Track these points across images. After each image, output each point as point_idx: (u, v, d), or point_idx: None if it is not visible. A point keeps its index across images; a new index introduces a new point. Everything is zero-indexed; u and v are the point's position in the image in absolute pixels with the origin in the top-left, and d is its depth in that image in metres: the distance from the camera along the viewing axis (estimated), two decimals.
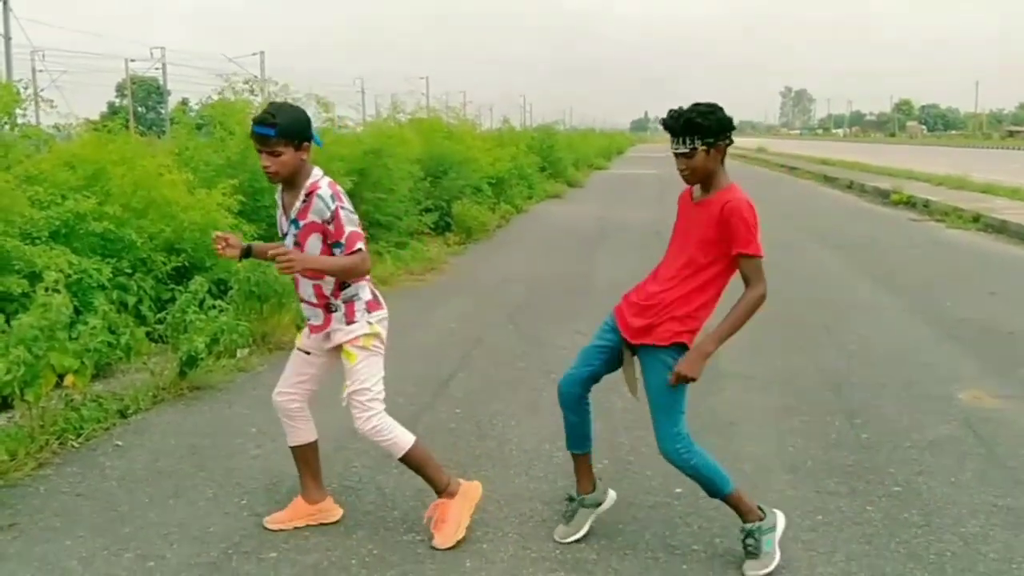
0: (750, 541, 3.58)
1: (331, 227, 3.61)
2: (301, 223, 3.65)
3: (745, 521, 3.61)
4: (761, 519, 3.60)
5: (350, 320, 3.74)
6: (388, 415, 3.79)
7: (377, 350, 3.79)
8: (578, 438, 3.85)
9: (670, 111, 3.53)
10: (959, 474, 4.56)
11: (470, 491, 3.92)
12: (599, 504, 3.90)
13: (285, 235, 3.76)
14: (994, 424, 5.30)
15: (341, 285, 3.74)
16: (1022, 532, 3.91)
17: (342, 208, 3.61)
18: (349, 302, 3.74)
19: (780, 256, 12.27)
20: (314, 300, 3.77)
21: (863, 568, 3.60)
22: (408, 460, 3.83)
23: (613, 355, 3.71)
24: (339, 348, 3.78)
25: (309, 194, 3.63)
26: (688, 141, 3.45)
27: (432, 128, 16.45)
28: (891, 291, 9.68)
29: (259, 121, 3.54)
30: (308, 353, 3.89)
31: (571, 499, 3.92)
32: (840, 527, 3.97)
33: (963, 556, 3.70)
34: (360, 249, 3.63)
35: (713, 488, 3.63)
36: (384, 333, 3.83)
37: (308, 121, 3.66)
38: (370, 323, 3.75)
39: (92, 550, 3.75)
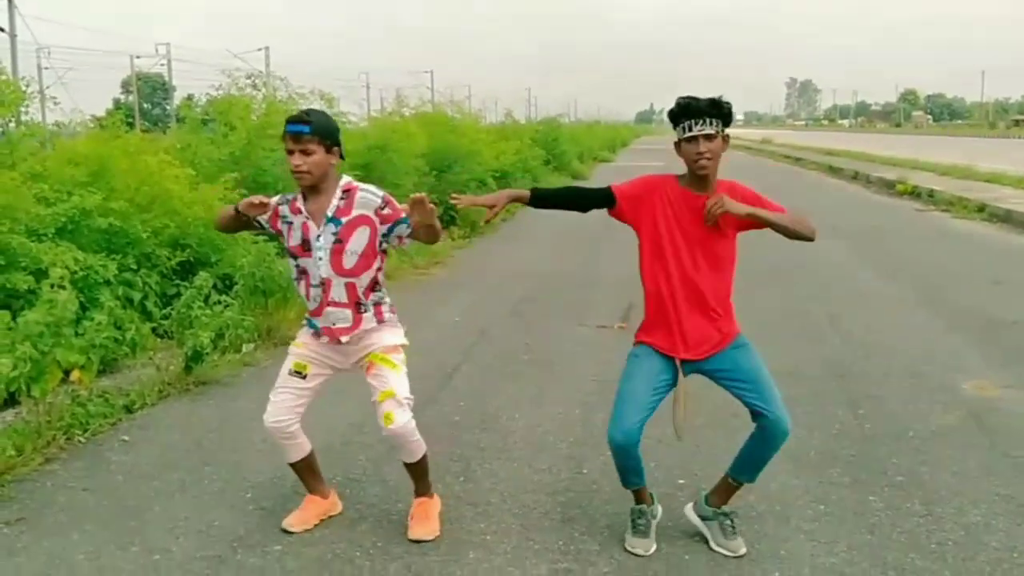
0: (728, 522, 3.73)
1: (386, 211, 3.68)
2: (343, 220, 3.66)
3: (724, 504, 3.79)
4: None
5: (380, 320, 3.79)
6: None
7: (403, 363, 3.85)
8: (637, 474, 3.74)
9: (684, 96, 3.43)
10: (962, 464, 4.56)
11: (438, 500, 4.04)
12: (656, 516, 3.87)
13: (304, 244, 3.69)
14: (998, 414, 5.30)
15: (373, 287, 3.78)
16: None
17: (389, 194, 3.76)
18: (378, 304, 3.80)
19: (784, 246, 12.26)
20: (344, 300, 3.74)
21: (865, 558, 3.61)
22: (420, 463, 3.87)
23: (664, 395, 3.67)
24: (361, 360, 3.79)
25: (347, 191, 3.69)
26: (715, 123, 3.39)
27: (436, 122, 16.44)
28: (896, 281, 9.67)
29: (293, 120, 3.57)
30: (304, 376, 3.79)
31: (641, 513, 3.79)
32: (842, 517, 3.98)
33: (965, 545, 3.71)
34: None
35: (762, 468, 3.74)
36: None
37: (338, 128, 3.70)
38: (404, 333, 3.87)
39: (98, 544, 3.78)
